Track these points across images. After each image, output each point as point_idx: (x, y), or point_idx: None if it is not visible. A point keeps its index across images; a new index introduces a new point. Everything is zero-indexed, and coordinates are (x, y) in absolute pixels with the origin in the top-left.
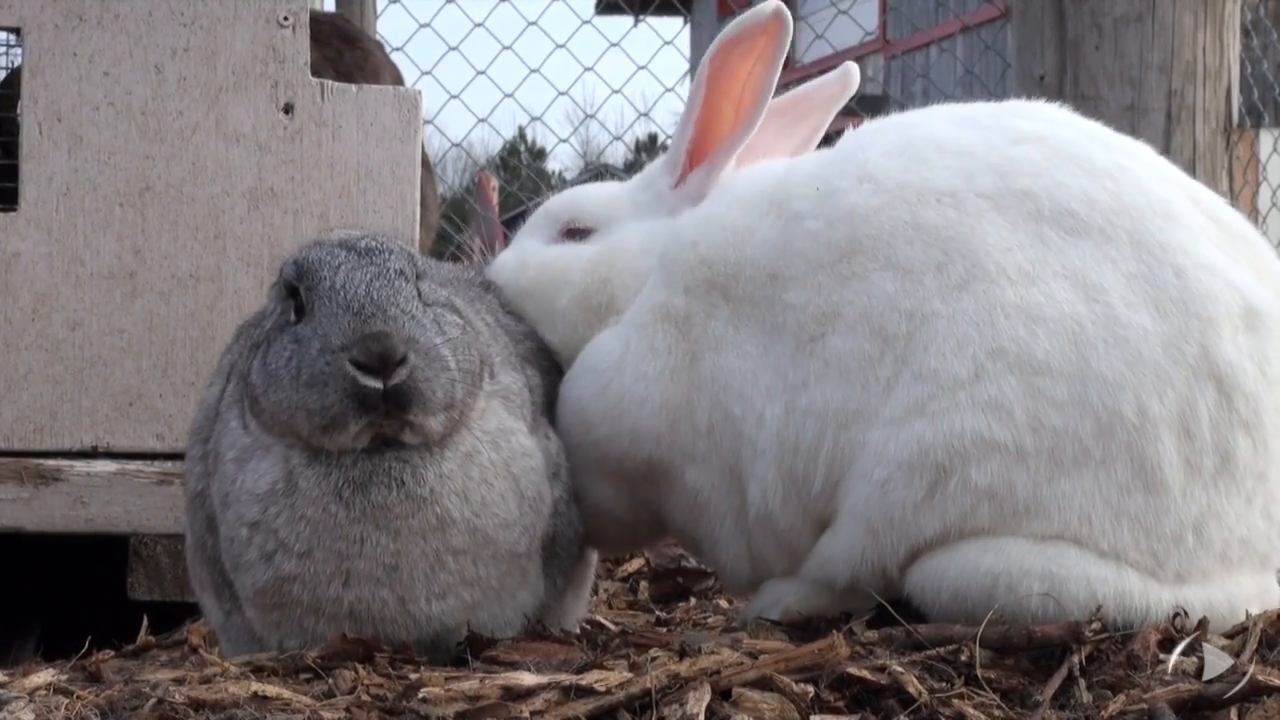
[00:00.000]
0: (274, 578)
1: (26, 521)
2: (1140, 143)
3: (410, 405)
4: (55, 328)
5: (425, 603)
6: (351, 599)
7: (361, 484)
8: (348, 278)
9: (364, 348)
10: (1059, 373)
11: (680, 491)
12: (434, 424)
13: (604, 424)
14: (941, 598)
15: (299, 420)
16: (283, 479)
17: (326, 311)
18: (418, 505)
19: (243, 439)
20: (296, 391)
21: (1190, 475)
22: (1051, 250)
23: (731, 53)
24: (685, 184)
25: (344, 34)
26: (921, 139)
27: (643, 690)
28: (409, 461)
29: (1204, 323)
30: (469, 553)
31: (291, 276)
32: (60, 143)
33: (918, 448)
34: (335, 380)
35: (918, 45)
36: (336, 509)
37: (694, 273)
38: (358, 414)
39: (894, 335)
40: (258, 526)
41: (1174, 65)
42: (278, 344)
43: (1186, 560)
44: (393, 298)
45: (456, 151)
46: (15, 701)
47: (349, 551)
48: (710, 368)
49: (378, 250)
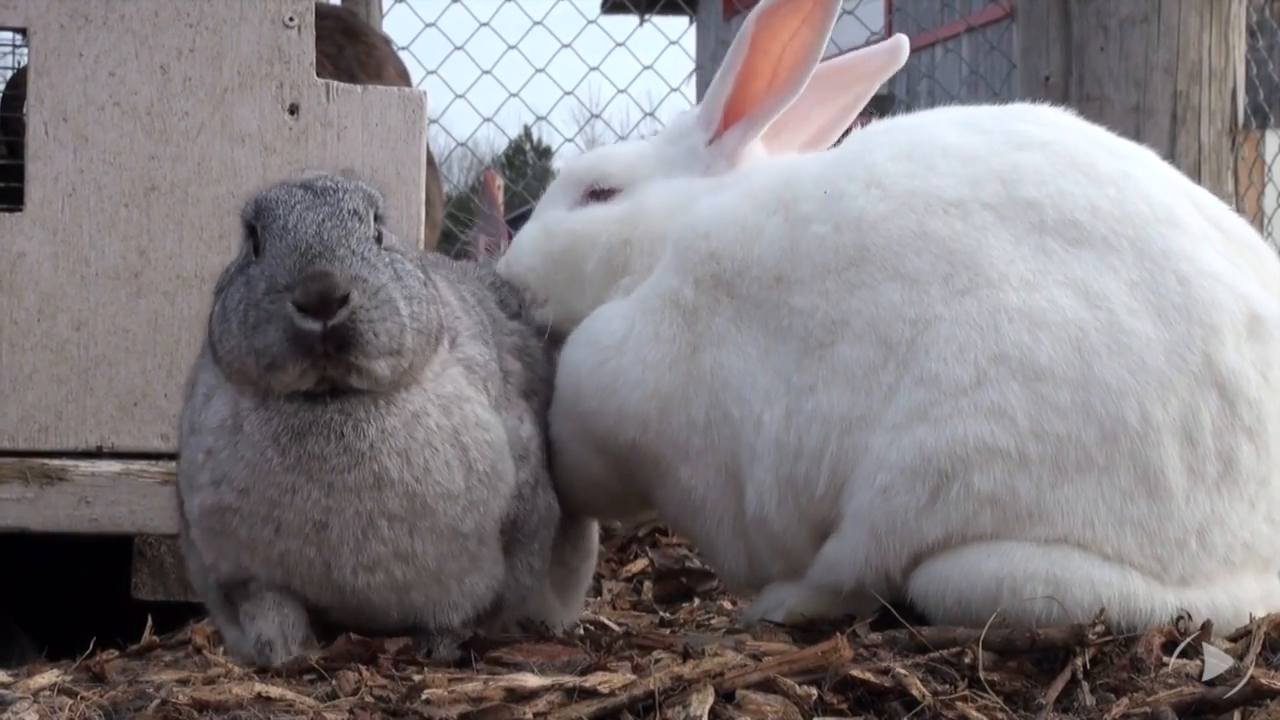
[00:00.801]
0: (217, 504)
1: (31, 521)
2: (1144, 148)
3: (350, 347)
4: (60, 328)
5: (351, 573)
6: (281, 549)
7: (300, 432)
8: (300, 217)
9: (304, 288)
10: (1062, 379)
11: (673, 488)
12: (379, 368)
13: (593, 398)
14: (946, 602)
15: (248, 364)
16: (230, 417)
17: (276, 251)
18: (355, 460)
19: (211, 379)
20: (245, 335)
21: (1193, 481)
22: (1054, 260)
23: (777, 13)
24: (721, 141)
25: (347, 29)
26: (927, 143)
27: (646, 692)
28: (351, 414)
29: (1207, 330)
30: (405, 520)
31: (250, 216)
32: (66, 143)
33: (920, 453)
34: (276, 320)
35: (923, 45)
36: (272, 454)
37: (704, 266)
38: (297, 355)
39: (897, 341)
40: (210, 454)
41: (1179, 66)
42: (232, 288)
43: (1190, 564)
44: (344, 238)
45: (462, 150)
46: (19, 702)
47: (280, 500)
48: (710, 363)
49: (333, 190)
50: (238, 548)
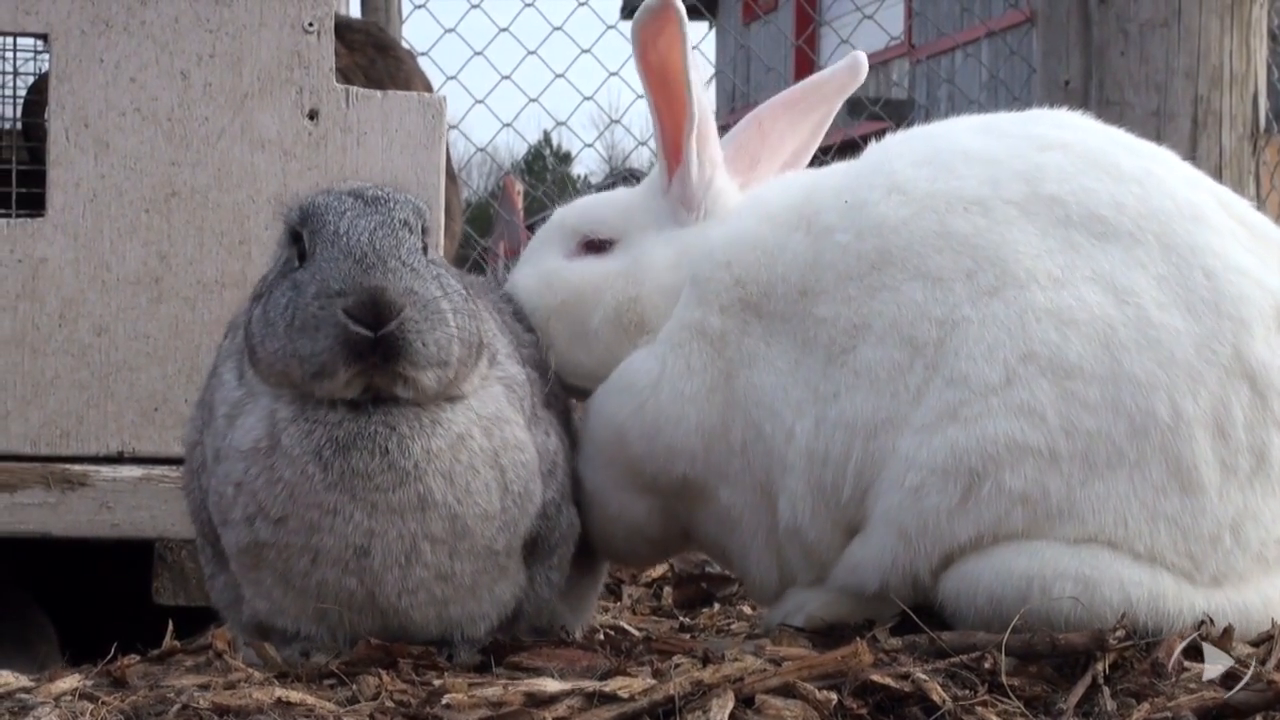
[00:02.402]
0: (253, 542)
1: (53, 526)
2: (1165, 149)
3: (399, 357)
4: (82, 333)
5: (396, 597)
6: (318, 579)
7: (344, 446)
8: (351, 224)
9: (358, 299)
10: (1091, 375)
11: (714, 509)
12: (426, 379)
13: (640, 442)
14: (977, 601)
15: (292, 367)
16: (266, 435)
17: (327, 256)
18: (400, 478)
19: (234, 393)
20: (290, 338)
21: (1226, 475)
22: (1081, 255)
23: (658, 45)
24: (670, 189)
25: (378, 43)
26: (948, 149)
27: (666, 697)
28: (396, 429)
29: (1236, 323)
30: (446, 542)
31: (295, 221)
32: (87, 149)
33: (951, 453)
34: (326, 326)
35: (943, 50)
36: (314, 470)
37: (729, 293)
38: (347, 361)
39: (924, 343)
40: (241, 487)
41: (1200, 70)
42: (277, 291)
43: (1223, 562)
44: (395, 249)
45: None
46: (41, 707)
47: (320, 524)
48: (744, 385)
49: (384, 200)
50: (272, 582)
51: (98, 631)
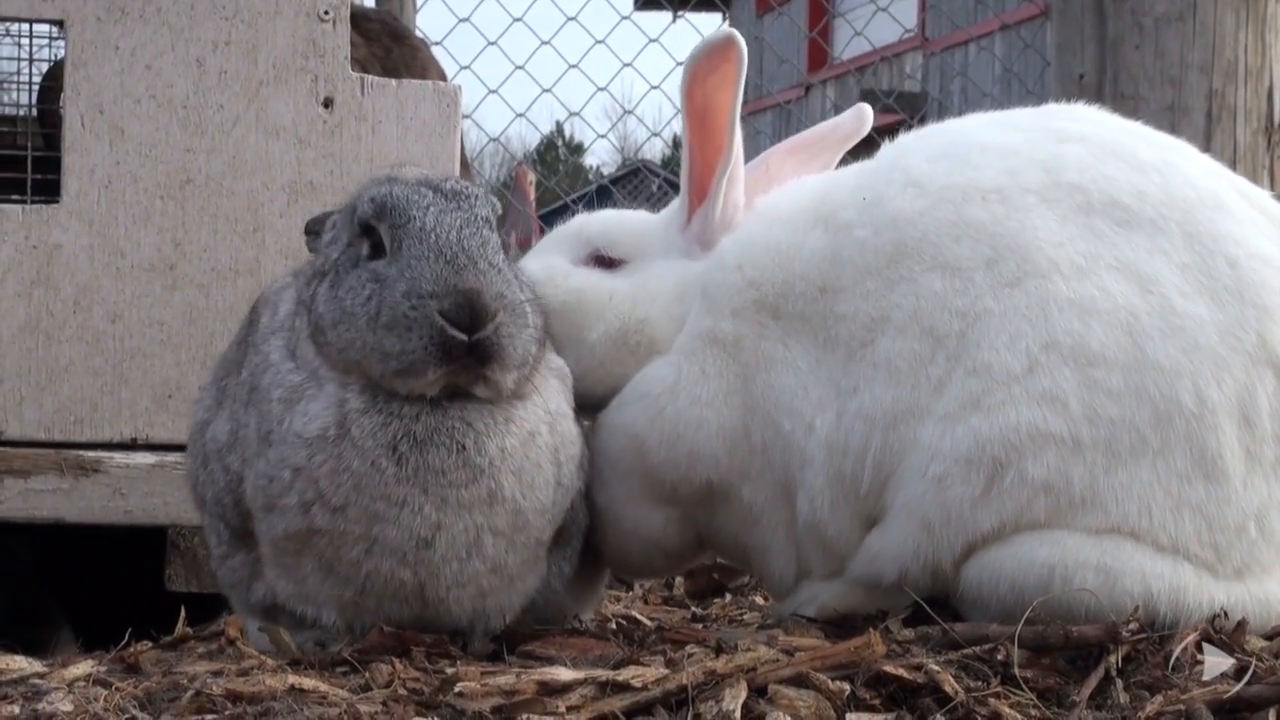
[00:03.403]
0: (306, 529)
1: (67, 512)
2: (1183, 141)
3: (491, 361)
4: (96, 320)
5: (445, 589)
6: (370, 568)
7: (421, 441)
8: (437, 221)
9: (455, 302)
10: (1114, 363)
11: (735, 508)
12: (507, 380)
13: (660, 449)
14: (1000, 590)
15: (371, 361)
16: (334, 424)
17: (416, 254)
18: (474, 474)
19: (292, 376)
20: (374, 332)
21: (1251, 464)
22: (1104, 242)
23: (707, 85)
24: (690, 226)
25: (394, 32)
26: (964, 143)
27: (679, 687)
28: (473, 425)
29: (1260, 311)
30: (506, 535)
31: (370, 215)
32: (102, 135)
33: (974, 442)
34: (420, 326)
35: (957, 43)
36: (387, 464)
37: (741, 295)
38: (439, 363)
39: (946, 334)
40: (300, 473)
41: (1215, 65)
42: (351, 279)
43: (1247, 553)
44: (482, 249)
45: (494, 146)
46: (54, 692)
47: (384, 515)
48: (762, 387)
49: (464, 195)
50: (312, 570)
51: (111, 618)
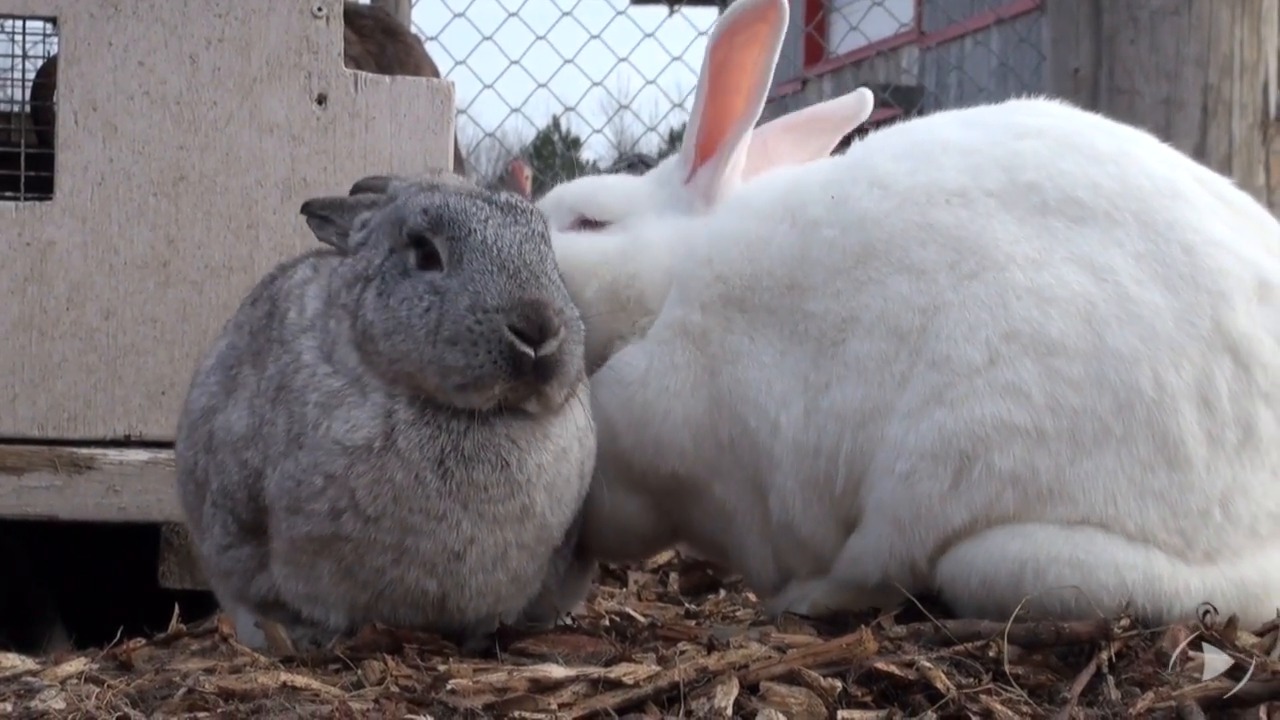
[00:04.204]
0: (332, 535)
1: (60, 509)
2: (1141, 132)
3: (553, 376)
4: (89, 317)
5: (468, 598)
6: (394, 576)
7: (469, 457)
8: (498, 234)
9: (523, 313)
10: (1074, 352)
11: (707, 504)
12: (560, 396)
13: (628, 435)
14: (971, 585)
15: (428, 374)
16: (381, 435)
17: (479, 267)
18: (512, 491)
19: (329, 381)
20: (434, 346)
21: (1213, 448)
22: (1058, 239)
23: (733, 42)
24: (695, 179)
25: (387, 28)
26: (928, 141)
27: (671, 684)
28: (516, 442)
29: (1215, 296)
30: (530, 548)
31: (423, 226)
32: (95, 132)
33: (939, 436)
34: (487, 341)
35: (953, 37)
36: (431, 478)
37: (710, 289)
38: (508, 377)
39: (908, 331)
40: (334, 480)
41: (1211, 59)
42: (405, 289)
43: (1215, 537)
44: (542, 263)
45: (490, 141)
46: (46, 690)
47: (420, 528)
48: (728, 381)
49: (521, 209)
50: (329, 573)
51: (104, 615)
